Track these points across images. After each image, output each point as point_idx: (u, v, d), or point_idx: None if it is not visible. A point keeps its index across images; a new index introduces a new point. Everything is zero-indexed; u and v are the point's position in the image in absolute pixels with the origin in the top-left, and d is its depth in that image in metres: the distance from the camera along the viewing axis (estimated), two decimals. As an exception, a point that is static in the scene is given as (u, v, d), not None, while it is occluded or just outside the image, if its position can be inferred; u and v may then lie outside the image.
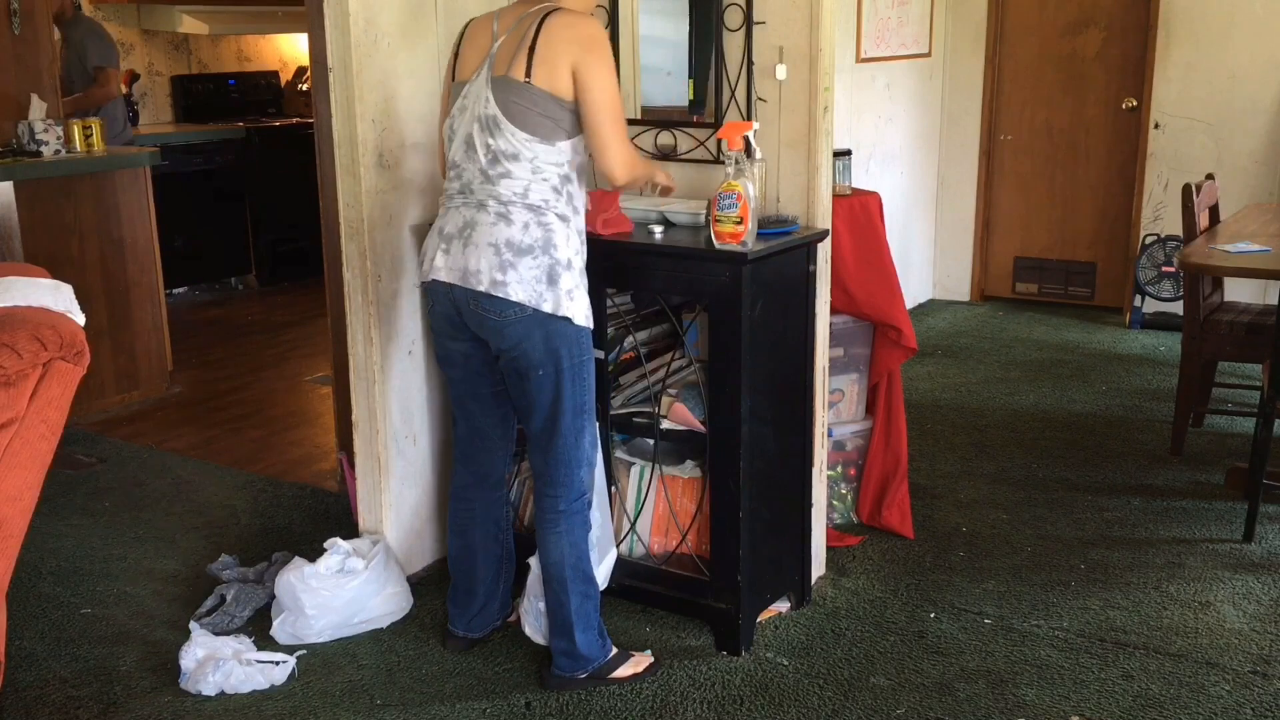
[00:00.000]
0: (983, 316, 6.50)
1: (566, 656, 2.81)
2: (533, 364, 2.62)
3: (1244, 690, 2.81)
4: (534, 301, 2.55)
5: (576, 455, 2.73)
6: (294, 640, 3.04)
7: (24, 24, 4.78)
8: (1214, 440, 4.48)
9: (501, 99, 2.54)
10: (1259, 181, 5.91)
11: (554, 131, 2.55)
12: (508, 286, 2.55)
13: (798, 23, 2.99)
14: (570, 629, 2.78)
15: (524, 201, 2.57)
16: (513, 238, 2.56)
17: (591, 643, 2.81)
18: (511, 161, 2.55)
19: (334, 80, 3.03)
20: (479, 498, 2.95)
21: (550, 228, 2.58)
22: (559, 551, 2.76)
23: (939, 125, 6.72)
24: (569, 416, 2.68)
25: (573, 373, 2.65)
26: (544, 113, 2.53)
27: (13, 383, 2.04)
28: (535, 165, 2.56)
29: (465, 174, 2.63)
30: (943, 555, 3.55)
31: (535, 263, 2.55)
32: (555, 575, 2.77)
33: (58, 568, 3.51)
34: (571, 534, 2.76)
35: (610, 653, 2.86)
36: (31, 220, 4.60)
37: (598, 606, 2.84)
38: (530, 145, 2.54)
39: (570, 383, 2.65)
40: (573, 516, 2.76)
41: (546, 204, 2.58)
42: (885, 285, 3.52)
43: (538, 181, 2.57)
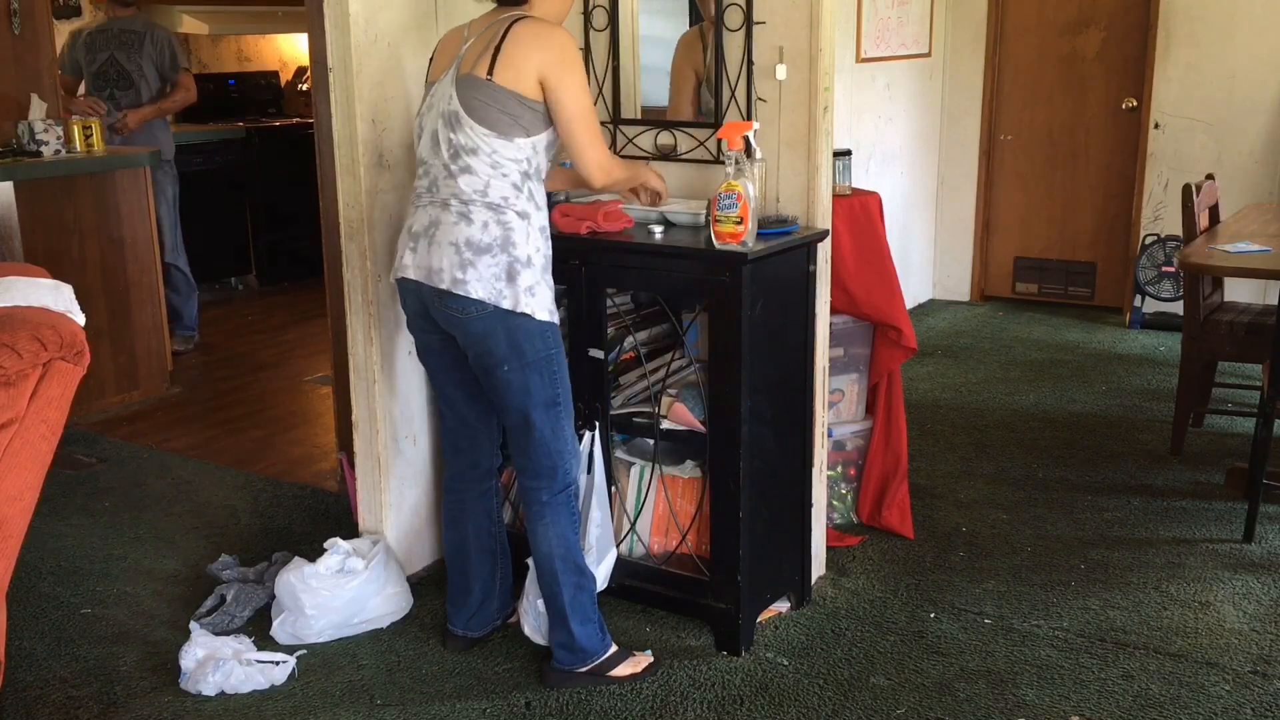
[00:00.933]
0: (983, 316, 6.50)
1: (565, 649, 2.82)
2: (497, 360, 2.65)
3: (1244, 690, 2.81)
4: (493, 299, 2.59)
5: (555, 446, 2.74)
6: (294, 640, 3.04)
7: (24, 24, 4.78)
8: (1214, 440, 4.48)
9: (464, 95, 2.59)
10: (1259, 181, 5.91)
11: (512, 128, 2.58)
12: (468, 284, 2.59)
13: (798, 23, 2.99)
14: (566, 620, 2.79)
15: (484, 200, 2.60)
16: (472, 236, 2.60)
17: (590, 635, 2.82)
18: (471, 156, 2.59)
19: (334, 80, 3.03)
20: (469, 489, 2.97)
21: (509, 226, 2.61)
22: (547, 543, 2.78)
23: (939, 125, 6.72)
24: (541, 410, 2.70)
25: (539, 367, 2.67)
26: (503, 109, 2.57)
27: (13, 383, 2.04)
28: (494, 160, 2.59)
29: (431, 170, 2.68)
30: (943, 555, 3.55)
31: (494, 260, 2.59)
32: (546, 567, 2.79)
33: (58, 568, 3.51)
34: (558, 524, 2.77)
35: (610, 649, 2.86)
36: (31, 220, 4.60)
37: (594, 598, 2.84)
38: (488, 140, 2.58)
39: (538, 377, 2.68)
40: (558, 507, 2.77)
41: (506, 201, 2.61)
42: (885, 285, 3.52)
43: (498, 177, 2.60)
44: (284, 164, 7.14)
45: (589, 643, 2.82)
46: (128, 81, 5.69)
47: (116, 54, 5.69)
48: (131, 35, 5.72)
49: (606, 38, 3.29)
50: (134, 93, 5.70)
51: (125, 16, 5.73)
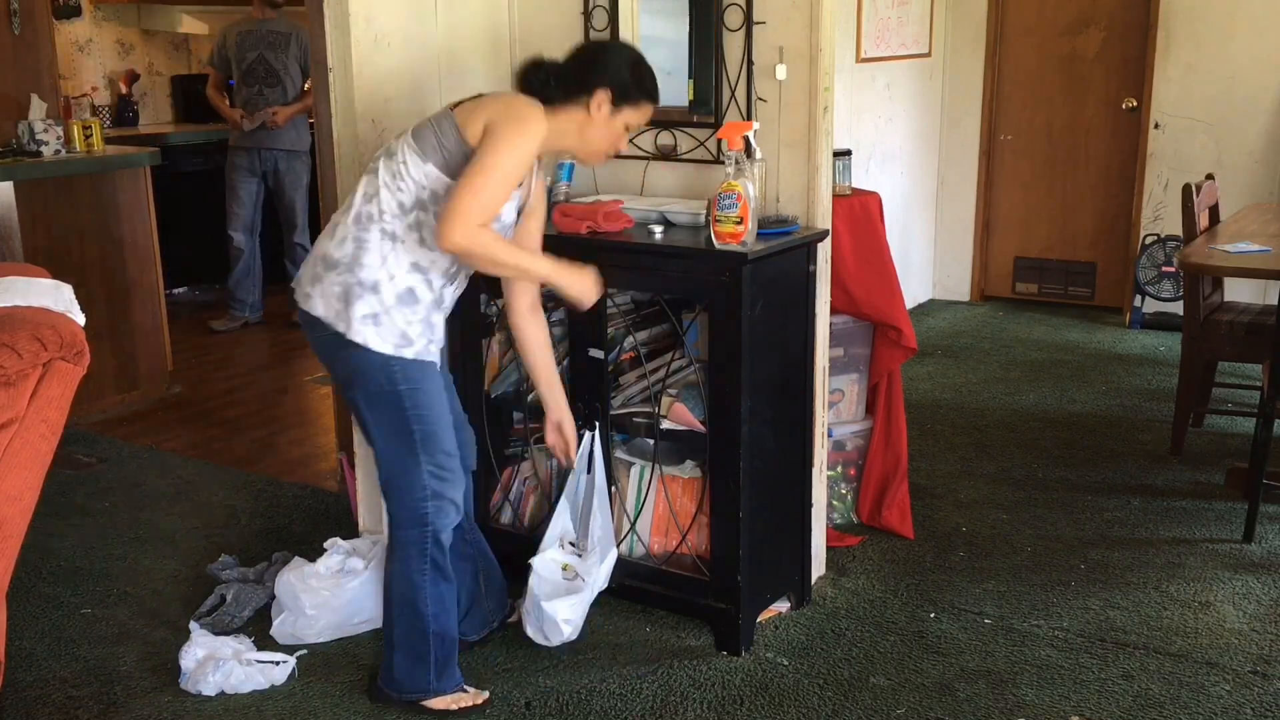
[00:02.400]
0: (983, 316, 6.50)
1: (387, 671, 2.75)
2: (341, 382, 2.60)
3: (1244, 690, 2.81)
4: (330, 319, 2.50)
5: (403, 483, 2.59)
6: (294, 640, 3.04)
7: (24, 24, 4.78)
8: (1214, 440, 4.48)
9: (431, 116, 2.54)
10: (1259, 181, 5.91)
11: (432, 153, 2.46)
12: (313, 300, 2.52)
13: (798, 23, 2.99)
14: (392, 650, 2.72)
15: (362, 208, 2.49)
16: (328, 251, 2.52)
17: (411, 673, 2.71)
18: (387, 158, 2.51)
19: (334, 80, 3.03)
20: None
21: (364, 244, 2.47)
22: (390, 575, 2.68)
23: (939, 125, 6.72)
24: (385, 442, 2.58)
25: (375, 401, 2.53)
26: (436, 131, 2.47)
27: (13, 383, 2.04)
28: (396, 170, 2.47)
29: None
30: (943, 555, 3.55)
31: (338, 279, 2.48)
32: (386, 595, 2.72)
33: (58, 568, 3.51)
34: (404, 562, 2.64)
35: (443, 689, 2.73)
36: (31, 220, 4.60)
37: (430, 642, 2.69)
38: (407, 152, 2.48)
39: (374, 410, 2.55)
40: (406, 545, 2.63)
41: (380, 215, 2.47)
42: (885, 285, 3.52)
43: (392, 189, 2.47)
44: (284, 164, 7.13)
45: (408, 679, 2.72)
46: (275, 79, 6.06)
47: (265, 53, 6.05)
48: (278, 36, 6.07)
49: (606, 38, 3.29)
50: (280, 90, 6.09)
51: (271, 18, 6.09)
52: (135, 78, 7.05)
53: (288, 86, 6.10)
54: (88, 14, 6.79)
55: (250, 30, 6.09)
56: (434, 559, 2.67)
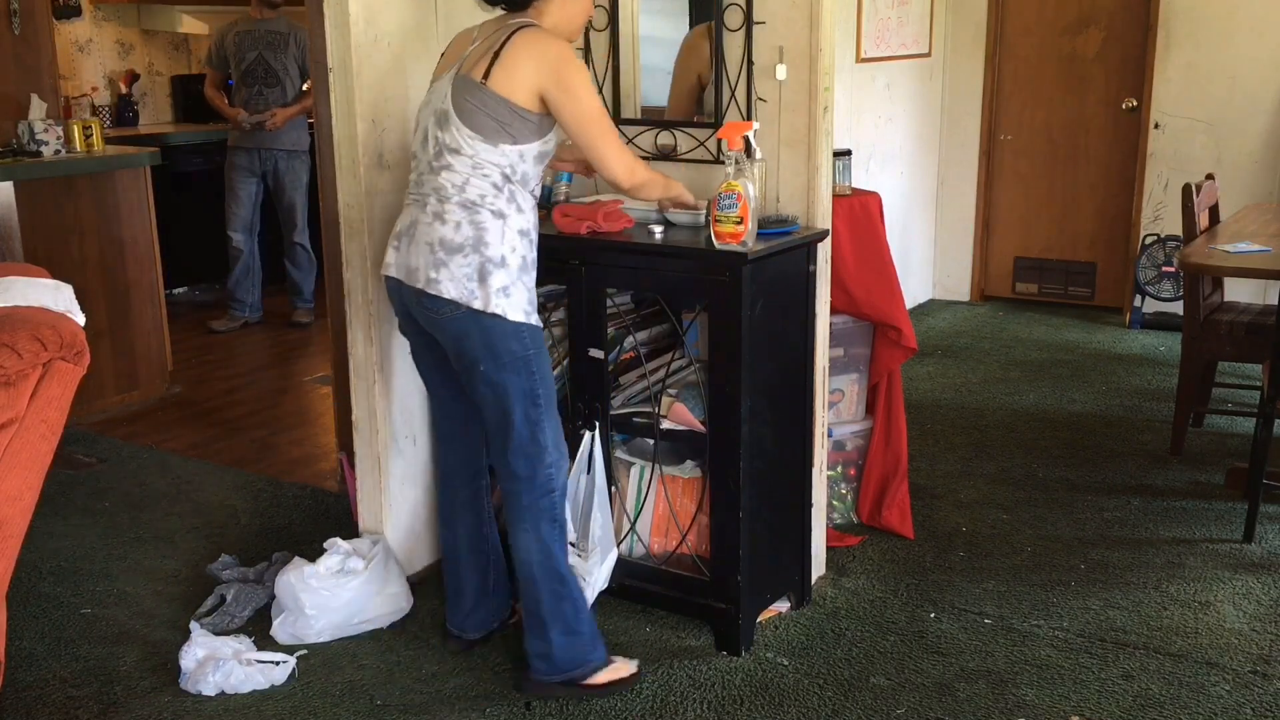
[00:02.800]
0: (983, 316, 6.50)
1: (542, 659, 2.77)
2: (473, 360, 2.64)
3: (1244, 690, 2.81)
4: (465, 299, 2.58)
5: (534, 449, 2.70)
6: (294, 640, 3.04)
7: (24, 24, 4.78)
8: (1214, 440, 4.48)
9: (457, 96, 2.59)
10: (1259, 181, 5.91)
11: (499, 134, 2.57)
12: (440, 284, 2.59)
13: (798, 23, 2.99)
14: (546, 630, 2.74)
15: (460, 197, 2.59)
16: (445, 236, 2.59)
17: (571, 647, 2.75)
18: (453, 155, 2.59)
19: (334, 80, 3.03)
20: (461, 487, 2.96)
21: (482, 225, 2.59)
22: (525, 549, 2.74)
23: (939, 125, 6.72)
24: (520, 409, 2.67)
25: (516, 366, 2.64)
26: (493, 115, 2.56)
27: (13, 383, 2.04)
28: (475, 161, 2.59)
29: (419, 165, 2.69)
30: (943, 555, 3.55)
31: (465, 261, 2.58)
32: (524, 574, 2.76)
33: (58, 568, 3.51)
34: (537, 529, 2.73)
35: (595, 661, 2.79)
36: (31, 220, 4.60)
37: (580, 611, 2.78)
38: (472, 143, 2.57)
39: (515, 376, 2.65)
40: (538, 512, 2.73)
41: (483, 199, 2.60)
42: (885, 285, 3.52)
43: (477, 177, 2.59)
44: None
45: (566, 655, 2.75)
46: (275, 80, 6.07)
47: (264, 54, 6.06)
48: (277, 36, 6.08)
49: (606, 38, 3.29)
50: (280, 90, 6.11)
51: (270, 18, 6.09)
52: (135, 78, 7.05)
53: (287, 87, 6.11)
54: (88, 14, 6.79)
55: (249, 30, 6.09)
56: (562, 522, 2.77)
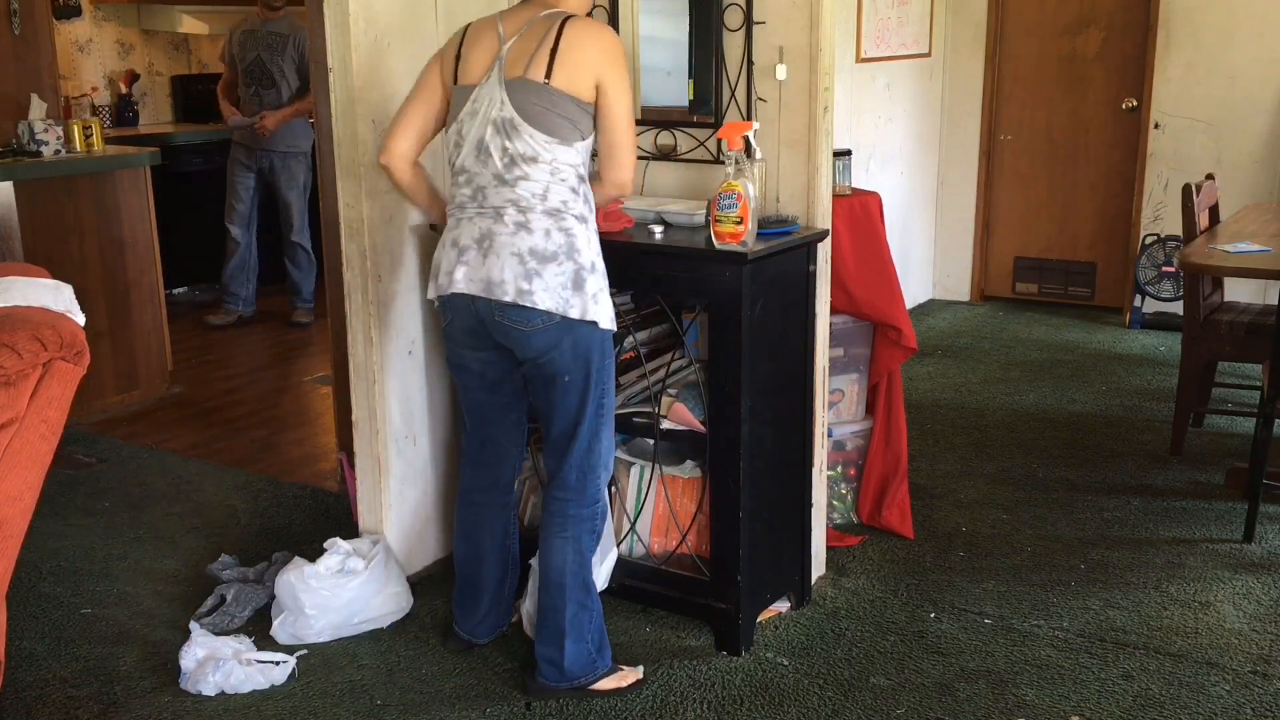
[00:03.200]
0: (983, 316, 6.50)
1: (552, 666, 2.76)
2: (560, 371, 2.60)
3: (1244, 690, 2.81)
4: (561, 308, 2.53)
5: (591, 460, 2.70)
6: (294, 640, 3.04)
7: (24, 24, 4.78)
8: (1214, 440, 4.48)
9: (518, 101, 2.51)
10: (1259, 181, 5.91)
11: (571, 133, 2.54)
12: (534, 295, 2.51)
13: (798, 23, 2.99)
14: (561, 638, 2.73)
15: (543, 206, 2.54)
16: (536, 245, 2.53)
17: (581, 656, 2.76)
18: (530, 164, 2.53)
19: (334, 80, 3.03)
20: (488, 502, 2.93)
21: (571, 232, 2.55)
22: (562, 557, 2.72)
23: (939, 125, 6.72)
24: (590, 420, 2.66)
25: (598, 376, 2.63)
26: (563, 114, 2.52)
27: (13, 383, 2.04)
28: (554, 167, 2.53)
29: (478, 179, 2.58)
30: (943, 555, 3.55)
31: (560, 269, 2.53)
32: (555, 581, 2.73)
33: (58, 568, 3.51)
34: (578, 540, 2.73)
35: (604, 668, 2.80)
36: (31, 220, 4.60)
37: (594, 619, 2.78)
38: (550, 147, 2.52)
39: (595, 387, 2.64)
40: (582, 523, 2.73)
41: (565, 206, 2.55)
42: (885, 285, 3.52)
43: (556, 183, 2.54)
44: (284, 164, 7.12)
45: (576, 663, 2.75)
46: (270, 81, 6.07)
47: (263, 55, 6.06)
48: (277, 38, 6.07)
49: None
50: (275, 92, 6.08)
51: (273, 19, 6.08)
52: (135, 78, 7.05)
53: (282, 89, 6.08)
54: (88, 14, 6.79)
55: (252, 31, 6.09)
56: (599, 534, 2.78)
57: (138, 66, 7.13)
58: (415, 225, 3.21)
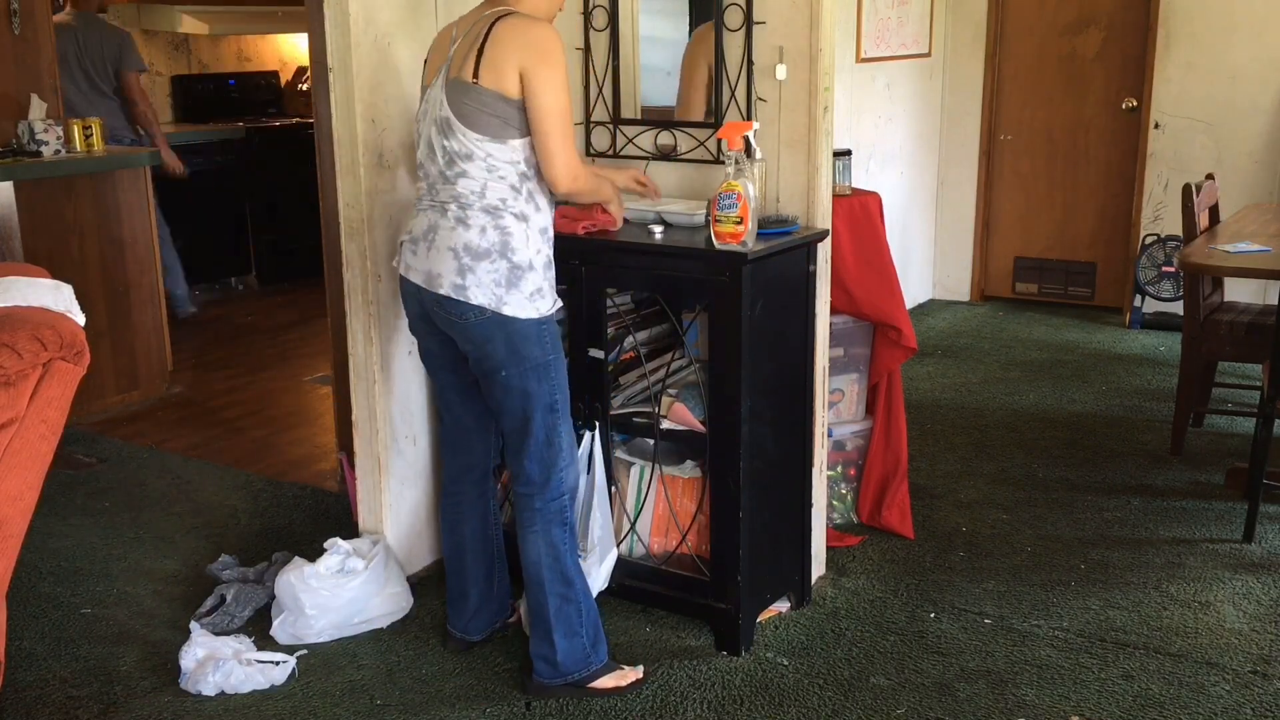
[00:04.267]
0: (983, 316, 6.50)
1: (545, 662, 2.77)
2: (496, 365, 2.63)
3: (1244, 690, 2.81)
4: (493, 305, 2.57)
5: (550, 453, 2.71)
6: (294, 640, 3.04)
7: (24, 24, 4.78)
8: (1214, 440, 4.48)
9: (453, 100, 2.56)
10: (1259, 181, 5.91)
11: (504, 130, 2.55)
12: (467, 290, 2.57)
13: (798, 23, 2.99)
14: (550, 633, 2.74)
15: (481, 203, 2.58)
16: (470, 241, 2.58)
17: (574, 650, 2.76)
18: (466, 162, 2.57)
19: (334, 80, 3.03)
20: (466, 491, 2.96)
21: (507, 230, 2.58)
22: (536, 551, 2.74)
23: (939, 125, 6.72)
24: (540, 415, 2.68)
25: (539, 372, 2.65)
26: (493, 112, 2.54)
27: (13, 383, 2.04)
28: (490, 164, 2.57)
29: (429, 176, 2.66)
30: (943, 555, 3.55)
31: (493, 266, 2.57)
32: (533, 576, 2.75)
33: (58, 568, 3.51)
34: (548, 533, 2.74)
35: (597, 664, 2.80)
36: (31, 220, 4.60)
37: (585, 613, 2.78)
38: (481, 145, 2.55)
39: (537, 381, 2.65)
40: (549, 515, 2.74)
41: (504, 204, 2.58)
42: (885, 285, 3.52)
43: (494, 180, 2.58)
44: (284, 164, 7.14)
45: (569, 658, 2.76)
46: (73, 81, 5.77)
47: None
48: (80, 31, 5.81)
49: (606, 38, 3.29)
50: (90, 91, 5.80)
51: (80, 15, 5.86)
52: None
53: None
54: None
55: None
56: (571, 525, 2.78)
57: (138, 66, 7.12)
58: (415, 225, 3.21)
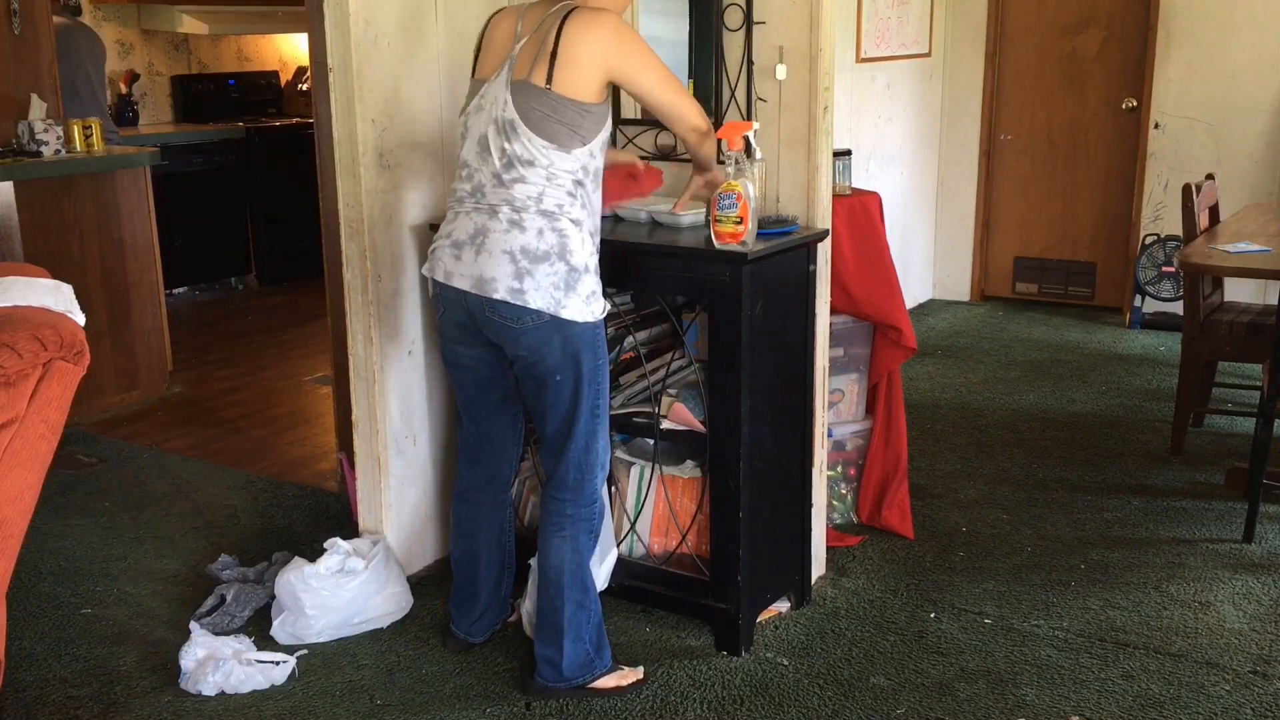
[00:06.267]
0: (983, 316, 6.50)
1: (550, 666, 2.76)
2: (550, 369, 2.59)
3: (1244, 690, 2.81)
4: (552, 308, 2.52)
5: (589, 459, 2.70)
6: (294, 640, 3.04)
7: (24, 24, 4.78)
8: (1214, 440, 4.48)
9: (521, 104, 2.50)
10: (1259, 181, 5.91)
11: (571, 139, 2.51)
12: (525, 294, 2.51)
13: (798, 23, 2.99)
14: (560, 637, 2.73)
15: (538, 207, 2.53)
16: (528, 244, 2.52)
17: (579, 656, 2.75)
18: (527, 167, 2.52)
19: (334, 80, 3.03)
20: (485, 500, 2.93)
21: (565, 233, 2.54)
22: (560, 556, 2.72)
23: (939, 125, 6.72)
24: (585, 420, 2.66)
25: (590, 376, 2.63)
26: (563, 120, 2.49)
27: (13, 383, 2.04)
28: (551, 172, 2.52)
29: (477, 176, 2.59)
30: (943, 555, 3.55)
31: (552, 269, 2.52)
32: (553, 580, 2.73)
33: (58, 568, 3.51)
34: (576, 540, 2.73)
35: (604, 669, 2.80)
36: (31, 220, 4.60)
37: (593, 619, 2.78)
38: (547, 152, 2.50)
39: (588, 386, 2.63)
40: (580, 522, 2.73)
41: (560, 209, 2.54)
42: (885, 285, 3.52)
43: (552, 187, 2.53)
44: (284, 164, 7.14)
45: (574, 663, 2.75)
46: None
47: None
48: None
49: None
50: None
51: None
52: (135, 78, 7.05)
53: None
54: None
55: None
56: (598, 533, 2.78)
57: (138, 66, 7.13)
58: (415, 225, 3.21)
